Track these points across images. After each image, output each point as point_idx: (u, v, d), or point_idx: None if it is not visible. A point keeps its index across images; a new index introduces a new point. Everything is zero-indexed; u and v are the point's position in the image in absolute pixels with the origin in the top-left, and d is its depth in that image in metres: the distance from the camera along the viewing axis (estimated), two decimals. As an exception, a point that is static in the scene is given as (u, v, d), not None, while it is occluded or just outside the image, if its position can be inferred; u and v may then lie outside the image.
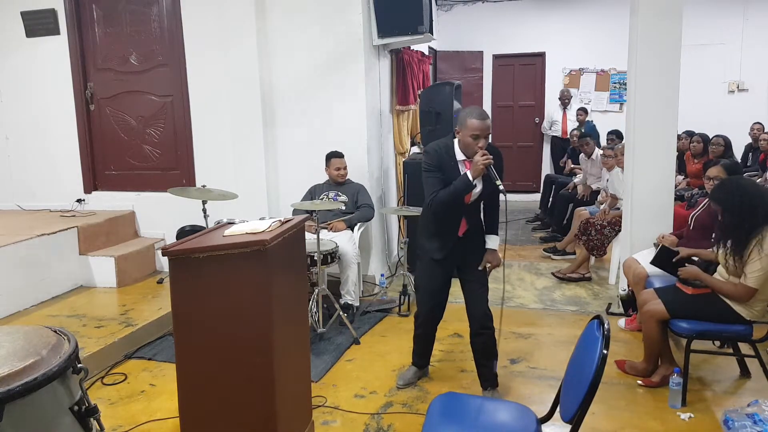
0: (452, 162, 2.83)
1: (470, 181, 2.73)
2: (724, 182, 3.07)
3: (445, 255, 2.95)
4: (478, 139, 2.72)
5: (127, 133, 5.34)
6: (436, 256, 2.96)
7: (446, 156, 2.83)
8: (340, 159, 4.54)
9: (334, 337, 3.83)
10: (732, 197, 2.84)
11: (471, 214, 2.94)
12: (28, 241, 4.28)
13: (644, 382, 3.12)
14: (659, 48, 3.94)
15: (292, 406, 2.40)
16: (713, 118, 7.20)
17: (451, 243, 2.94)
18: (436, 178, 2.81)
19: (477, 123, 2.71)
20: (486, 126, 2.74)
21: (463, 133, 2.76)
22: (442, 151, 2.85)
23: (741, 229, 2.80)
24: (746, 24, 7.91)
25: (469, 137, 2.73)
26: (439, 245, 2.95)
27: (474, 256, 2.98)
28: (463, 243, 2.95)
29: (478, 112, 2.76)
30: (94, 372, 3.36)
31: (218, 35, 4.81)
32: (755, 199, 2.81)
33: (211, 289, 2.13)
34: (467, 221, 2.93)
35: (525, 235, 6.81)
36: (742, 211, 2.80)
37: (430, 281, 3.02)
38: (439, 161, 2.82)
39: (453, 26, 8.63)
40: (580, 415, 1.73)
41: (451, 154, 2.84)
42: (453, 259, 2.99)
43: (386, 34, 4.78)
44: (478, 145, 2.72)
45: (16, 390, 1.29)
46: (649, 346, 3.16)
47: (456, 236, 2.93)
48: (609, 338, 1.75)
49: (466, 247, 2.97)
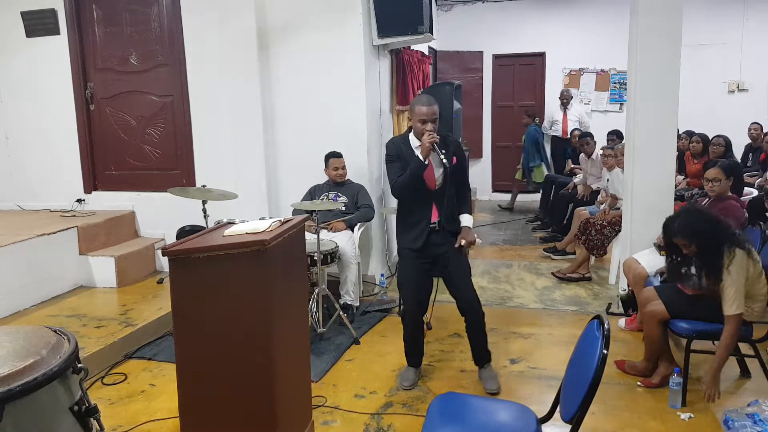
0: (409, 150, 3.09)
1: (422, 160, 2.97)
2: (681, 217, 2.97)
3: (422, 244, 3.09)
4: (425, 124, 2.99)
5: (127, 133, 5.34)
6: (413, 245, 3.11)
7: (403, 146, 3.13)
8: (339, 159, 4.54)
9: (334, 337, 3.83)
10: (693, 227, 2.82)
11: (440, 202, 3.09)
12: (28, 241, 4.27)
13: (644, 383, 3.12)
14: (659, 48, 3.94)
15: (292, 406, 2.40)
16: (713, 118, 7.20)
17: (426, 231, 3.09)
18: (395, 166, 3.09)
19: (424, 109, 3.00)
20: (432, 111, 3.00)
21: (413, 120, 3.06)
22: (399, 142, 3.17)
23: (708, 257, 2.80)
24: (746, 24, 7.90)
25: (417, 123, 3.02)
26: (414, 235, 3.11)
27: (449, 246, 3.12)
28: (438, 234, 3.11)
29: (424, 99, 3.05)
30: (94, 372, 3.36)
31: (218, 35, 4.81)
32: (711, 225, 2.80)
33: (211, 289, 2.13)
34: (438, 209, 3.10)
35: (525, 235, 6.81)
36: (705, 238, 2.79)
37: (411, 274, 3.14)
38: (397, 151, 3.12)
39: (453, 26, 8.63)
40: (580, 415, 1.73)
41: (407, 143, 3.13)
42: (431, 251, 3.12)
43: (386, 34, 4.78)
44: (426, 128, 2.98)
45: (16, 390, 1.29)
46: (649, 346, 3.16)
47: (429, 223, 3.10)
48: (609, 338, 1.75)
49: (442, 239, 3.12)
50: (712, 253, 2.79)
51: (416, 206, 3.10)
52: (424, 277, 3.15)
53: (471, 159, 7.22)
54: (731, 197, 3.69)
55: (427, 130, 2.97)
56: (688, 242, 2.86)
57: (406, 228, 3.16)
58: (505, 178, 9.19)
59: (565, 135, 8.02)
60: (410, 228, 3.13)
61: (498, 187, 9.23)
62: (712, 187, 3.60)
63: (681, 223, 2.87)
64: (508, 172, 9.13)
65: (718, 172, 3.57)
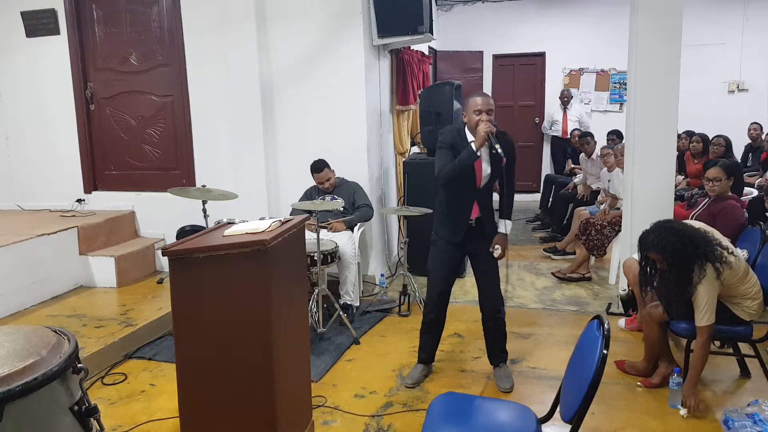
0: (463, 141, 2.97)
1: (474, 150, 2.86)
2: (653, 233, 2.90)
3: (460, 239, 3.06)
4: (480, 114, 2.90)
5: (127, 133, 5.34)
6: (452, 239, 3.07)
7: (458, 137, 3.01)
8: (320, 174, 4.43)
9: (334, 337, 3.83)
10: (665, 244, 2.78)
11: (483, 199, 3.06)
12: (28, 241, 4.27)
13: (644, 383, 3.12)
14: (659, 48, 3.94)
15: (292, 406, 2.40)
16: (713, 118, 7.20)
17: (465, 227, 3.06)
18: (445, 153, 2.98)
19: (479, 100, 2.93)
20: (487, 102, 2.93)
21: (468, 113, 2.97)
22: (454, 132, 3.05)
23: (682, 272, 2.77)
24: (746, 24, 7.90)
25: (473, 114, 2.92)
26: (453, 229, 3.08)
27: (483, 246, 3.09)
28: (475, 230, 3.08)
29: (479, 93, 3.03)
30: (94, 372, 3.36)
31: (218, 35, 4.81)
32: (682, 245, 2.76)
33: (211, 289, 2.13)
34: (479, 206, 3.05)
35: (525, 235, 6.81)
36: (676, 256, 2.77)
37: (442, 265, 3.12)
38: (452, 140, 3.00)
39: (453, 26, 8.63)
40: (580, 415, 1.73)
41: (462, 136, 3.01)
42: (465, 246, 3.10)
43: (386, 34, 4.78)
44: (482, 118, 2.88)
45: (16, 390, 1.29)
46: (649, 347, 3.16)
47: (468, 220, 3.06)
48: (609, 338, 1.75)
49: (479, 235, 3.08)
50: (682, 270, 2.77)
51: (459, 201, 3.05)
52: (451, 271, 3.15)
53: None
54: (731, 197, 3.70)
55: (482, 120, 2.88)
56: (660, 257, 2.85)
57: (444, 221, 3.12)
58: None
59: (565, 135, 8.02)
60: (449, 221, 3.09)
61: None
62: (712, 186, 3.60)
63: (654, 240, 2.84)
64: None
65: (719, 171, 3.58)
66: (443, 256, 3.13)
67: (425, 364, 3.30)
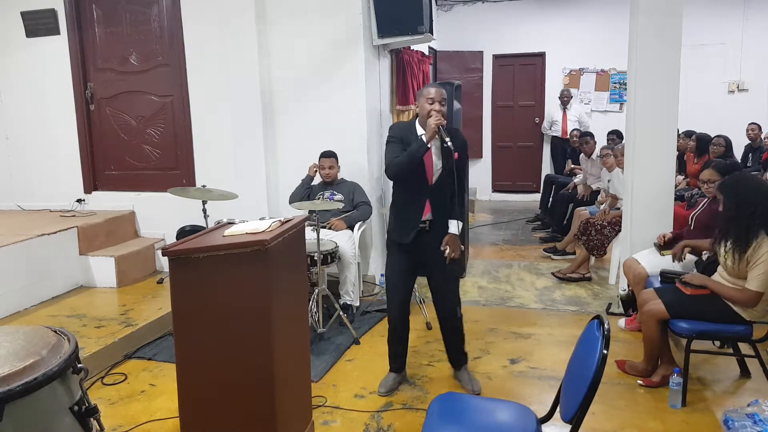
0: (414, 136, 2.93)
1: (424, 141, 2.82)
2: (735, 176, 3.03)
3: (411, 240, 2.96)
4: (433, 103, 2.87)
5: (127, 133, 5.34)
6: (402, 239, 2.98)
7: (408, 131, 2.98)
8: (328, 159, 4.49)
9: (334, 337, 3.83)
10: (735, 191, 2.84)
11: (435, 197, 2.96)
12: (28, 241, 4.27)
13: (644, 382, 3.13)
14: (659, 48, 3.94)
15: (292, 406, 2.40)
16: (713, 118, 7.20)
17: (416, 227, 2.95)
18: (395, 146, 2.95)
19: (432, 90, 2.91)
20: (440, 92, 2.91)
21: (420, 103, 2.93)
22: (404, 127, 3.05)
23: (740, 227, 2.79)
24: (746, 24, 7.90)
25: (425, 103, 2.89)
26: (404, 229, 2.99)
27: (437, 253, 2.98)
28: (427, 236, 2.98)
29: (433, 84, 3.03)
30: (94, 372, 3.36)
31: (218, 35, 4.81)
32: (757, 198, 2.80)
33: (211, 289, 2.13)
34: (432, 205, 2.96)
35: (525, 235, 6.81)
36: (740, 207, 2.80)
37: (396, 269, 3.06)
38: (401, 134, 2.97)
39: (453, 26, 8.63)
40: (580, 415, 1.73)
41: (412, 129, 2.98)
42: (418, 251, 3.00)
43: (386, 34, 4.78)
44: (434, 108, 2.85)
45: (16, 390, 1.29)
46: (649, 346, 3.16)
47: (420, 220, 2.95)
48: (609, 338, 1.75)
49: (432, 240, 2.98)
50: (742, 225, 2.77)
51: (410, 200, 2.97)
52: (407, 275, 3.08)
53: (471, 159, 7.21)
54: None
55: (434, 110, 2.83)
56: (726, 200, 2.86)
57: (397, 220, 3.04)
58: (505, 179, 9.20)
59: (565, 135, 8.02)
60: (402, 222, 3.01)
61: (498, 187, 9.24)
62: (707, 188, 3.59)
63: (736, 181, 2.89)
64: (507, 172, 9.15)
65: (712, 173, 3.56)
66: (398, 260, 3.05)
67: (397, 372, 3.21)
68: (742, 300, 2.83)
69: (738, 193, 2.83)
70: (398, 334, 3.16)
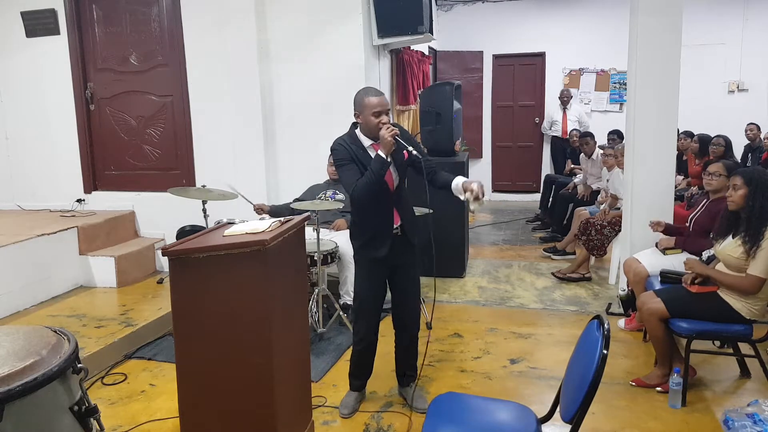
0: (361, 150, 2.73)
1: (384, 158, 2.60)
2: (759, 170, 3.05)
3: (386, 252, 2.76)
4: (380, 116, 2.66)
5: (127, 133, 5.34)
6: (378, 254, 2.77)
7: (353, 146, 2.74)
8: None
9: (334, 337, 3.83)
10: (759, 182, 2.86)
11: (401, 204, 2.82)
12: (28, 241, 4.28)
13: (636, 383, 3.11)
14: (659, 48, 3.94)
15: (292, 406, 2.40)
16: (713, 118, 7.19)
17: (390, 238, 2.77)
18: (351, 169, 2.70)
19: (375, 100, 2.68)
20: (384, 101, 2.70)
21: (364, 115, 2.70)
22: (347, 143, 2.76)
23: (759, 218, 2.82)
24: (746, 24, 7.90)
25: (371, 116, 2.67)
26: (377, 244, 2.77)
27: (408, 257, 2.86)
28: (400, 240, 2.82)
29: (372, 91, 2.74)
30: (94, 372, 3.36)
31: (218, 35, 4.81)
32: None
33: (211, 289, 2.13)
34: (399, 211, 2.81)
35: (525, 235, 6.81)
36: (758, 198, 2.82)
37: (372, 285, 2.85)
38: (348, 153, 2.72)
39: (453, 26, 8.63)
40: (580, 415, 1.73)
41: (357, 143, 2.76)
42: (393, 257, 2.80)
43: (386, 34, 4.78)
44: (381, 121, 2.65)
45: (16, 390, 1.29)
46: (657, 348, 3.12)
47: (392, 229, 2.77)
48: (609, 338, 1.75)
49: (403, 247, 2.83)
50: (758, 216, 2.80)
51: (376, 212, 2.75)
52: (381, 290, 2.89)
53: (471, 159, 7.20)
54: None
55: (383, 123, 2.63)
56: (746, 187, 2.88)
57: (366, 237, 2.80)
58: (505, 179, 9.20)
59: (565, 135, 8.02)
60: (372, 237, 2.78)
61: (498, 187, 9.24)
62: (710, 180, 3.59)
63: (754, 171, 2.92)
64: (508, 173, 9.15)
65: (720, 167, 3.58)
66: (370, 274, 2.83)
67: (359, 391, 3.03)
68: (744, 286, 2.83)
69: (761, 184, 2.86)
70: (367, 353, 2.97)
